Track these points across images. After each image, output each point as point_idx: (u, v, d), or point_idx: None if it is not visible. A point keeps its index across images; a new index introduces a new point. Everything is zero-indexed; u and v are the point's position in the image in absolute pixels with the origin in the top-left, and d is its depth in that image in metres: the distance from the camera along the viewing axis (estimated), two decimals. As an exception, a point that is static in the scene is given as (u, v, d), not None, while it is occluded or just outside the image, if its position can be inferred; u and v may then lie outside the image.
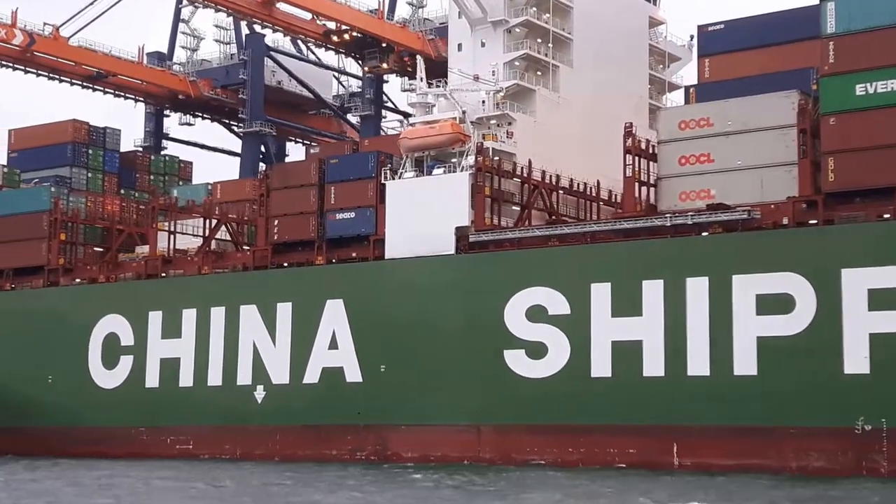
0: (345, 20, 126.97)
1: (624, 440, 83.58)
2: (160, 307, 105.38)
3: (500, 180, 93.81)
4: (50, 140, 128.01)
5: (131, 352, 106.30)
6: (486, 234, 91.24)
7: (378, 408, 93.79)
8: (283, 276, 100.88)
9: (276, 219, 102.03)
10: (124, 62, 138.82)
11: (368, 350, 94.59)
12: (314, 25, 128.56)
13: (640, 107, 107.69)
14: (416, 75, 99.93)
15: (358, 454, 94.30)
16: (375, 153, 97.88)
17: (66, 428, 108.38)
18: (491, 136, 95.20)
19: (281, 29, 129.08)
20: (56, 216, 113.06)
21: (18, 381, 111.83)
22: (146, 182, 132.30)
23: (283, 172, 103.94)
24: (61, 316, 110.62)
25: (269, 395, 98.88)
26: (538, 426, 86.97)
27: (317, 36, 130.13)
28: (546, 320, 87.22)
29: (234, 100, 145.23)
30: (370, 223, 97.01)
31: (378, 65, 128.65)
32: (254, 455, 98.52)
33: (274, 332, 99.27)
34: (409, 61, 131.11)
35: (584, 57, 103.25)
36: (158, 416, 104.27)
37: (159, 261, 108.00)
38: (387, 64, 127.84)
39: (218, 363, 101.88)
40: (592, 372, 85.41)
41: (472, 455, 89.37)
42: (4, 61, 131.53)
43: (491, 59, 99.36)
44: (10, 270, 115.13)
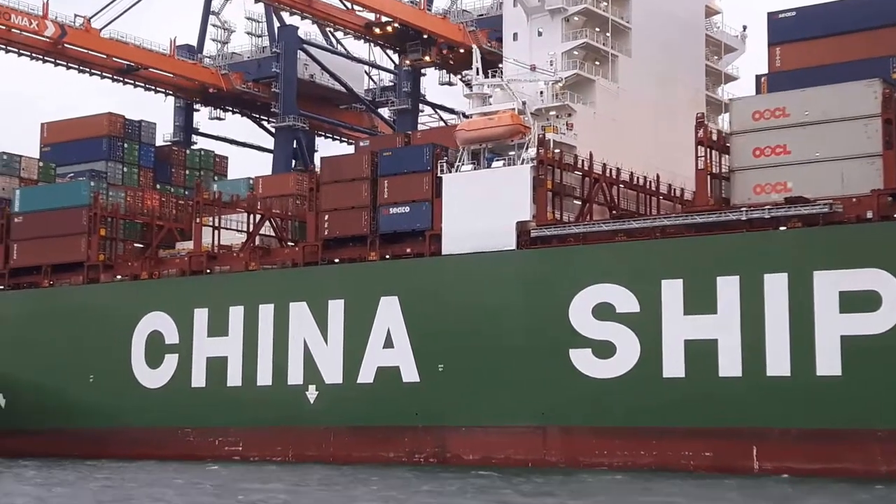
0: (386, 10, 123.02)
1: (699, 443, 79.77)
2: (206, 304, 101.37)
3: (561, 173, 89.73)
4: (85, 134, 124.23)
5: (176, 350, 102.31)
6: (548, 228, 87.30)
7: (436, 408, 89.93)
8: (335, 273, 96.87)
9: (327, 213, 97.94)
10: (156, 55, 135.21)
11: (426, 349, 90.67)
12: (355, 17, 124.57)
13: (697, 98, 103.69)
14: (472, 66, 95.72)
15: (416, 456, 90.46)
16: (431, 145, 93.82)
17: (109, 429, 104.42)
18: (551, 127, 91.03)
19: (322, 21, 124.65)
20: (96, 211, 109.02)
21: (58, 380, 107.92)
22: (181, 177, 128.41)
23: (333, 166, 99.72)
24: (103, 313, 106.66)
25: (322, 396, 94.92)
26: (607, 428, 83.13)
27: (358, 28, 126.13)
28: (614, 318, 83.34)
29: (267, 93, 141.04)
30: (426, 218, 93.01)
31: (420, 58, 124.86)
32: (306, 457, 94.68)
33: (326, 330, 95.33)
34: (449, 54, 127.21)
35: (642, 46, 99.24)
36: (206, 416, 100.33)
37: (204, 257, 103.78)
38: (429, 57, 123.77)
39: (267, 362, 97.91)
40: (664, 372, 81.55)
41: (538, 458, 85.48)
42: (35, 54, 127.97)
43: (548, 49, 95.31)
44: (48, 267, 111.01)
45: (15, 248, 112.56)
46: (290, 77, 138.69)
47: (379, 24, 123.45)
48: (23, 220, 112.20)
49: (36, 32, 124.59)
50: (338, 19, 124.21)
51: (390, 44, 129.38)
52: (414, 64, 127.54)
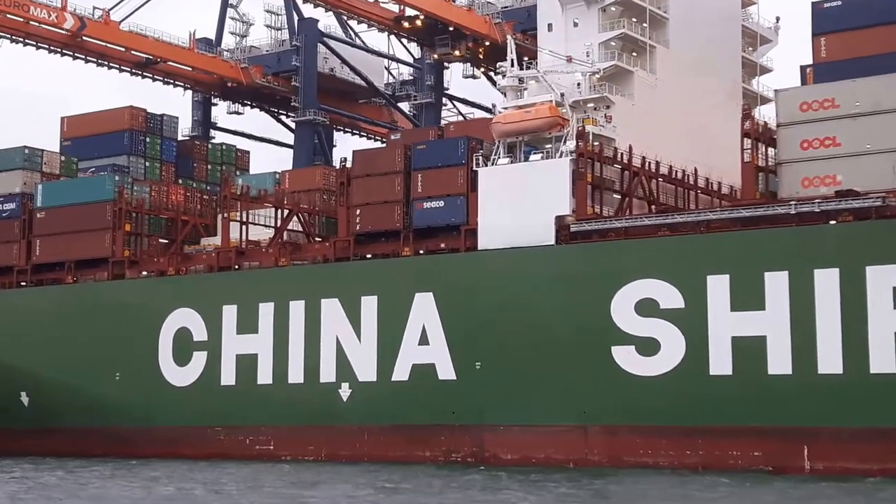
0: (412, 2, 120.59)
1: (747, 443, 77.77)
2: (235, 301, 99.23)
3: (601, 167, 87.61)
4: (106, 128, 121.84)
5: (205, 347, 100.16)
6: (589, 223, 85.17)
7: (474, 407, 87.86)
8: (368, 268, 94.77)
9: (358, 208, 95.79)
10: (175, 48, 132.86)
11: (462, 346, 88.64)
12: (383, 11, 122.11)
13: (734, 90, 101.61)
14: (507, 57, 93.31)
15: (453, 455, 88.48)
16: (465, 138, 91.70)
17: (136, 428, 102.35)
18: (590, 120, 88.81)
19: (349, 14, 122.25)
20: (120, 206, 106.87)
21: (82, 378, 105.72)
22: (203, 172, 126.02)
23: (365, 159, 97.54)
24: (129, 310, 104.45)
25: (355, 394, 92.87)
26: (651, 427, 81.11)
27: (386, 22, 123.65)
28: (658, 314, 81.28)
29: (287, 87, 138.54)
30: (461, 212, 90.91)
31: (449, 52, 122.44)
32: (340, 456, 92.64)
33: (358, 327, 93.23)
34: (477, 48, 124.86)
35: (680, 37, 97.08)
36: (236, 415, 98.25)
37: (233, 252, 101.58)
38: (458, 51, 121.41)
39: (299, 360, 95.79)
40: (711, 369, 79.57)
41: (579, 457, 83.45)
42: (53, 47, 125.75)
43: (584, 40, 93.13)
44: (71, 263, 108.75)
45: (37, 243, 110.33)
46: (310, 70, 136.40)
47: (407, 17, 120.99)
48: (45, 215, 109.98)
49: (55, 25, 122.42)
50: (365, 12, 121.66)
51: (418, 38, 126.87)
52: (443, 58, 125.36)
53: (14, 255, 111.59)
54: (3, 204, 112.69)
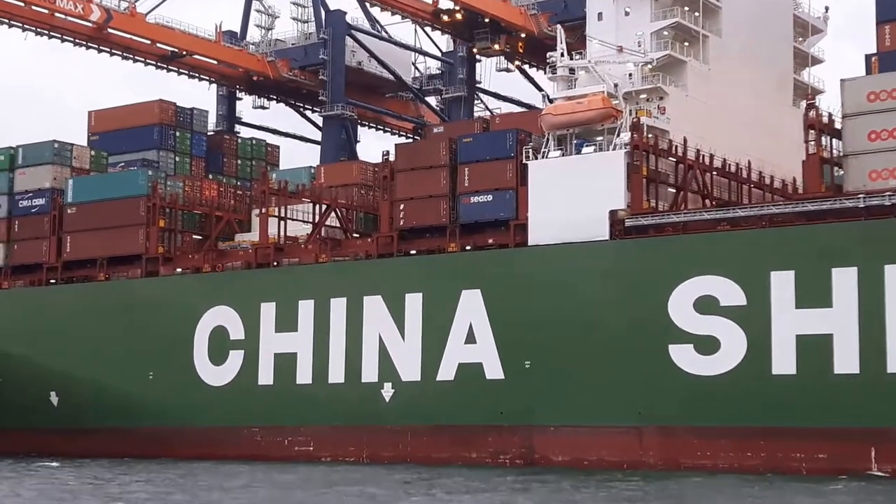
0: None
1: (812, 444, 75.05)
2: (273, 298, 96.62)
3: (656, 160, 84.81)
4: (135, 122, 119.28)
5: (242, 346, 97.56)
6: (645, 217, 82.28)
7: (523, 407, 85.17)
8: (412, 265, 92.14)
9: (402, 203, 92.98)
10: (201, 41, 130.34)
11: (511, 345, 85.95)
12: (422, 4, 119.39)
13: (785, 81, 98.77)
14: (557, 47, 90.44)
15: (501, 457, 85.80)
16: (515, 131, 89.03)
17: (170, 428, 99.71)
18: (643, 111, 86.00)
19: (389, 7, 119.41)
20: (154, 201, 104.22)
21: (115, 378, 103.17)
22: (233, 167, 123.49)
23: (409, 153, 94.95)
24: (163, 308, 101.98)
25: (399, 394, 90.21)
26: (710, 428, 78.37)
27: (425, 15, 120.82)
28: (718, 312, 78.59)
29: (313, 81, 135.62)
30: (510, 207, 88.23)
31: (488, 46, 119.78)
32: (382, 457, 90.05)
33: (402, 325, 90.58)
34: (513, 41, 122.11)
35: (732, 26, 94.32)
36: (274, 415, 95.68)
37: (271, 249, 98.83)
38: (497, 45, 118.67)
39: (340, 359, 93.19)
40: (773, 369, 76.95)
41: (633, 459, 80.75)
42: (79, 39, 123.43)
43: (636, 29, 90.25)
44: (103, 259, 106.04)
45: (68, 240, 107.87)
46: (338, 64, 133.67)
47: (447, 11, 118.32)
48: (76, 210, 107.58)
49: (81, 17, 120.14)
50: (406, 7, 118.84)
51: (457, 32, 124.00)
52: (481, 52, 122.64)
53: (44, 251, 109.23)
54: (32, 199, 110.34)
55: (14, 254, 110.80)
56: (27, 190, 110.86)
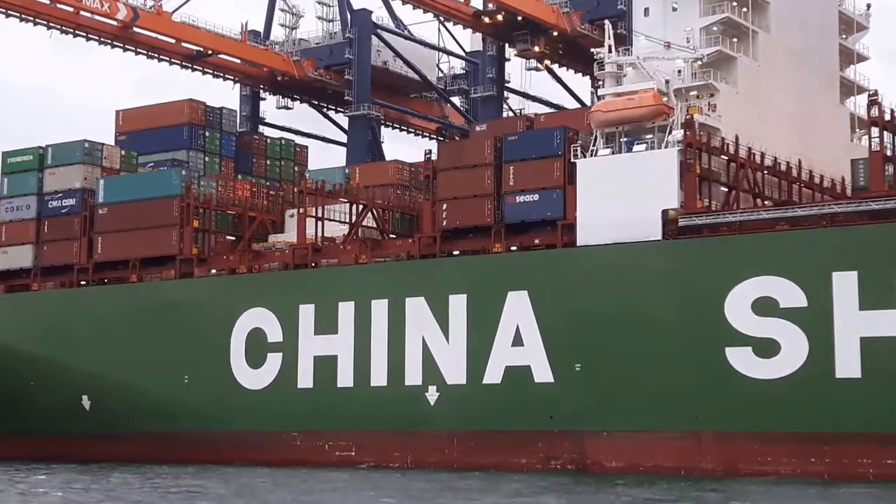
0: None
1: (880, 450, 71.73)
2: (312, 300, 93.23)
3: (709, 158, 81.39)
4: (164, 121, 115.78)
5: (280, 349, 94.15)
6: (699, 217, 78.87)
7: (574, 411, 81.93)
8: (456, 266, 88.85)
9: (445, 202, 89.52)
10: (227, 40, 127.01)
11: (560, 347, 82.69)
12: (462, 6, 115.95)
13: (831, 78, 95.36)
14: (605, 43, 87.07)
15: (552, 463, 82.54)
16: (562, 129, 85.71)
17: (206, 432, 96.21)
18: (694, 108, 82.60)
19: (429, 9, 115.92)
20: (188, 201, 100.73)
21: (149, 381, 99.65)
22: (262, 167, 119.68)
23: (452, 151, 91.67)
24: (198, 310, 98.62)
25: (443, 397, 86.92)
26: (771, 433, 75.18)
27: (466, 17, 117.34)
28: (777, 314, 75.42)
29: (339, 81, 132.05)
30: (557, 206, 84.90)
31: (528, 48, 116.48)
32: (427, 463, 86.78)
33: (446, 327, 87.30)
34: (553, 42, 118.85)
35: (781, 22, 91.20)
36: (314, 419, 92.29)
37: (309, 249, 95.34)
38: (538, 47, 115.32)
39: (382, 362, 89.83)
40: (837, 372, 73.69)
41: (691, 465, 77.39)
42: (104, 38, 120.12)
43: (684, 25, 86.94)
44: (136, 261, 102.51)
45: (99, 241, 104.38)
46: (364, 63, 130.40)
47: (488, 12, 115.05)
48: (108, 211, 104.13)
49: (108, 15, 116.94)
50: (445, 8, 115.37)
51: (497, 34, 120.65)
52: (521, 54, 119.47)
53: (74, 253, 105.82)
54: (62, 200, 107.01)
55: (43, 255, 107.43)
56: (57, 190, 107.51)
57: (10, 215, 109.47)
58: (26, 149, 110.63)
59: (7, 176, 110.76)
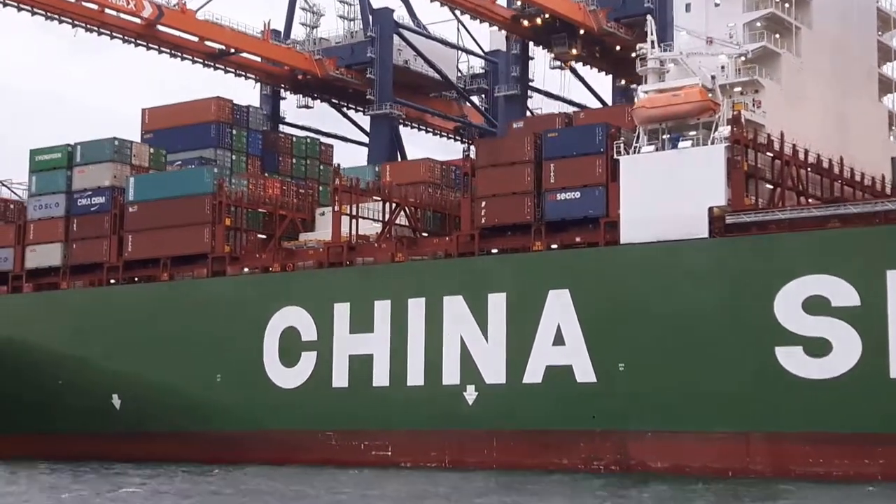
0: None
1: (936, 451, 68.43)
2: (347, 298, 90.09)
3: (756, 155, 78.35)
4: (191, 119, 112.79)
5: (314, 348, 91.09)
6: (747, 214, 75.80)
7: (617, 411, 78.95)
8: (496, 264, 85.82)
9: (483, 200, 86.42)
10: (250, 38, 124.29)
11: (603, 347, 79.74)
12: (501, 9, 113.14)
13: (870, 75, 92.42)
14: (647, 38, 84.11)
15: (594, 463, 79.42)
16: (604, 125, 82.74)
17: (239, 432, 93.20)
18: (741, 104, 79.57)
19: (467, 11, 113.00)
20: (221, 199, 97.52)
21: (180, 380, 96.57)
22: (288, 165, 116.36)
23: (491, 149, 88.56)
24: (231, 308, 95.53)
25: (482, 397, 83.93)
26: (822, 434, 72.32)
27: (504, 21, 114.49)
28: (829, 313, 72.57)
29: (360, 80, 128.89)
30: (599, 204, 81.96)
31: (566, 51, 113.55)
32: (466, 463, 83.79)
33: (485, 326, 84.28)
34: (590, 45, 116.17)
35: (822, 18, 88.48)
36: (349, 418, 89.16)
37: (344, 248, 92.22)
38: (575, 49, 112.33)
39: (419, 361, 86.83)
40: (892, 372, 70.63)
41: (740, 466, 74.40)
42: (128, 36, 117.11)
43: (727, 20, 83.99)
44: (167, 259, 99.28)
45: (130, 239, 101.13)
46: (386, 62, 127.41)
47: (527, 15, 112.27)
48: (138, 209, 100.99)
49: (133, 13, 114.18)
50: (482, 10, 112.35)
51: (536, 37, 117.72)
52: (560, 57, 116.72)
53: (104, 251, 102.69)
54: (91, 198, 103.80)
55: (72, 253, 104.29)
56: (86, 188, 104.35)
57: (38, 213, 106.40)
58: (55, 147, 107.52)
59: (35, 174, 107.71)
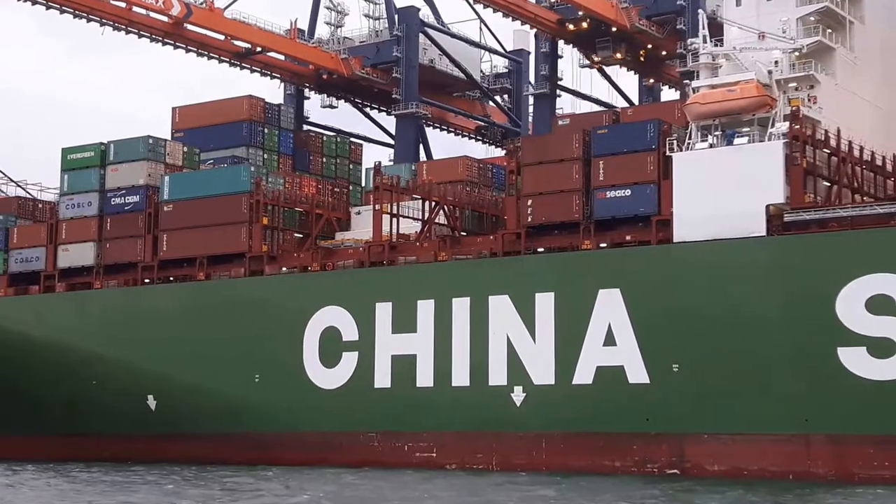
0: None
1: None
2: (389, 298, 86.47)
3: (814, 151, 74.79)
4: (223, 118, 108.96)
5: (355, 348, 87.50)
6: (806, 212, 72.20)
7: (672, 413, 75.47)
8: (543, 263, 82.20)
9: (530, 198, 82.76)
10: (278, 37, 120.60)
11: (656, 347, 76.22)
12: (547, 13, 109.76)
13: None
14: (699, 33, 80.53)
15: (648, 466, 75.82)
16: (656, 121, 79.18)
17: (278, 433, 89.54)
18: (797, 100, 75.95)
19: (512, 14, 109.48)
20: (258, 198, 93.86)
21: (217, 381, 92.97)
22: (319, 164, 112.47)
23: (537, 146, 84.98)
24: (269, 308, 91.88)
25: (530, 398, 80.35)
26: (888, 437, 68.54)
27: (551, 25, 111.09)
28: (893, 312, 68.54)
29: (386, 79, 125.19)
30: (651, 201, 78.38)
31: (610, 55, 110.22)
32: (513, 465, 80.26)
33: (532, 326, 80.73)
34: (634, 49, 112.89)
35: (874, 13, 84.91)
36: (392, 419, 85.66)
37: (385, 247, 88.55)
38: (619, 54, 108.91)
39: (464, 361, 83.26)
40: (959, 373, 66.63)
41: (801, 470, 70.95)
42: (155, 35, 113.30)
43: (780, 14, 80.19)
44: (203, 259, 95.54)
45: (165, 238, 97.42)
46: (412, 61, 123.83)
47: (572, 20, 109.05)
48: (173, 208, 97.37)
49: (162, 11, 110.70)
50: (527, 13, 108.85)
51: (580, 41, 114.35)
52: (604, 61, 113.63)
53: (138, 250, 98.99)
54: (125, 197, 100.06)
55: (106, 253, 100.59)
56: (120, 187, 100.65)
57: (70, 212, 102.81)
58: (87, 145, 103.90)
59: (67, 172, 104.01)
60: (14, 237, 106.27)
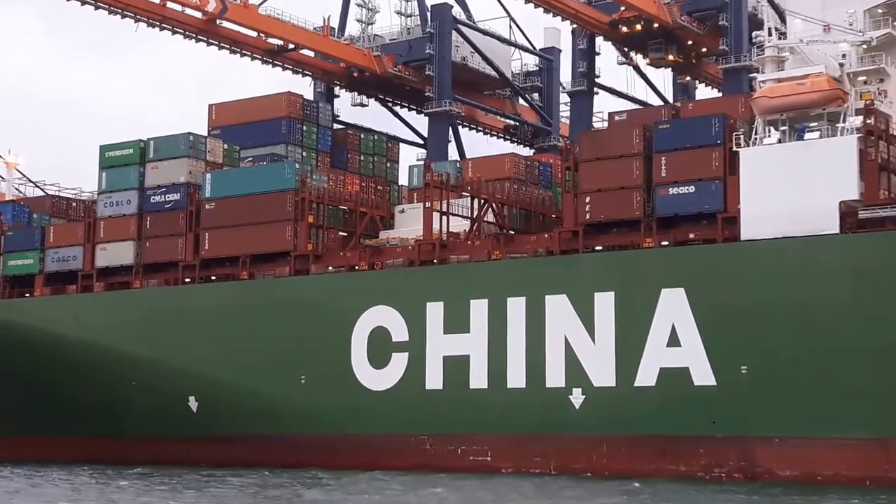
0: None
1: None
2: (441, 298, 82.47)
3: (888, 146, 70.76)
4: (261, 115, 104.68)
5: (406, 348, 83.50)
6: (882, 209, 68.25)
7: (740, 416, 71.48)
8: (602, 262, 78.27)
9: (588, 195, 78.70)
10: (311, 34, 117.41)
11: (722, 348, 72.28)
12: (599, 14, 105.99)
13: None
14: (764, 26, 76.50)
15: (715, 470, 71.85)
16: (721, 116, 75.11)
17: (325, 436, 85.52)
18: (870, 94, 71.95)
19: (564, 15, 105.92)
20: (303, 196, 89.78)
21: (262, 382, 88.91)
22: (356, 162, 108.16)
23: (595, 141, 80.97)
24: (316, 308, 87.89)
25: (590, 400, 76.28)
26: (972, 440, 64.24)
27: (603, 27, 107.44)
28: None
29: (418, 77, 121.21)
30: (716, 198, 74.36)
31: (662, 57, 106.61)
32: (572, 469, 76.38)
33: (592, 327, 76.75)
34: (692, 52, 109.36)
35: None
36: (444, 422, 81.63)
37: (436, 245, 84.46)
38: (671, 55, 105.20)
39: (519, 362, 79.26)
40: None
41: (878, 475, 66.80)
42: (189, 31, 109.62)
43: (846, 7, 75.97)
44: (246, 257, 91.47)
45: (207, 236, 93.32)
46: (445, 59, 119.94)
47: (625, 21, 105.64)
48: (215, 206, 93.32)
49: (197, 8, 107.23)
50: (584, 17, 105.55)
51: (632, 43, 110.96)
52: (655, 63, 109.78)
53: (179, 249, 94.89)
54: (165, 195, 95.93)
55: (145, 252, 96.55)
56: (160, 185, 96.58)
57: (109, 210, 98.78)
58: (126, 142, 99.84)
59: (105, 170, 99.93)
60: (50, 236, 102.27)
